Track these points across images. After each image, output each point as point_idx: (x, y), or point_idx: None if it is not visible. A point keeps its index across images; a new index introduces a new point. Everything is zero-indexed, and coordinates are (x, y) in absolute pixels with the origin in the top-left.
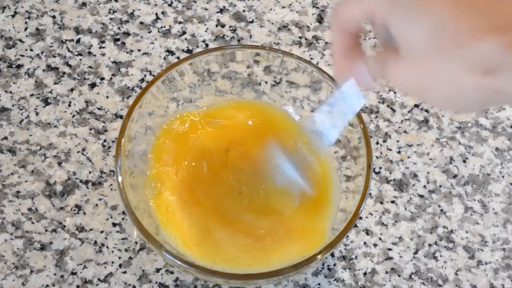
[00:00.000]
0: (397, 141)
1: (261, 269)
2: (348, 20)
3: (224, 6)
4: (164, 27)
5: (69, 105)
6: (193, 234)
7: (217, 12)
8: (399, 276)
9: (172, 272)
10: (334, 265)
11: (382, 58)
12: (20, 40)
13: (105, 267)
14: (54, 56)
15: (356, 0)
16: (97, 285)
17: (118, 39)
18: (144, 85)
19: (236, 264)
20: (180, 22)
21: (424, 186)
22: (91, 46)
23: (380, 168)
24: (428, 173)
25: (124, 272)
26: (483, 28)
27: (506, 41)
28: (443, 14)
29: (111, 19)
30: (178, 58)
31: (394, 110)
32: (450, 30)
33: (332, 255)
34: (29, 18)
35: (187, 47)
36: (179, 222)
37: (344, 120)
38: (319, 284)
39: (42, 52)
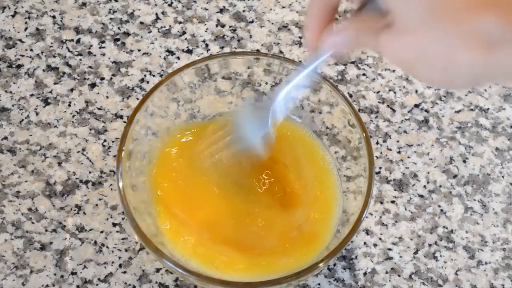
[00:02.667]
0: (397, 141)
1: (263, 277)
2: None
3: (224, 6)
4: (164, 27)
5: (69, 105)
6: (194, 240)
7: (217, 12)
8: (399, 276)
9: (172, 272)
10: (334, 265)
11: (371, 28)
12: (20, 40)
13: (105, 267)
14: (54, 56)
15: None
16: (97, 285)
17: (118, 39)
18: (144, 85)
19: (236, 272)
20: (180, 22)
21: (424, 186)
22: (91, 46)
23: (380, 168)
24: (428, 173)
25: (124, 272)
26: (483, 3)
27: (507, 18)
28: None
29: (111, 19)
30: (178, 58)
31: (394, 110)
32: (449, 5)
33: None
34: (29, 18)
35: (187, 47)
36: (180, 230)
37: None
38: (319, 284)
39: (42, 52)
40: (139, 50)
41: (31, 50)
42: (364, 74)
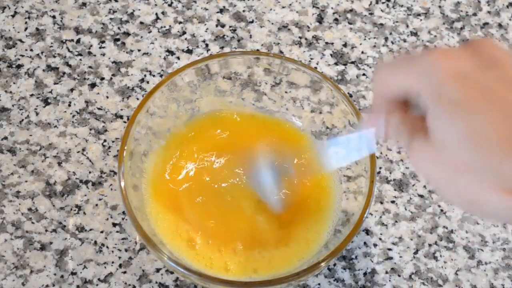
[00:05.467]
0: (397, 141)
1: (263, 276)
2: (389, 89)
3: (224, 6)
4: (164, 27)
5: (69, 105)
6: (194, 240)
7: (217, 12)
8: (399, 276)
9: (172, 272)
10: (334, 265)
11: (409, 129)
12: (20, 40)
13: (105, 267)
14: (54, 56)
15: (403, 73)
16: (97, 285)
17: (118, 39)
18: (144, 85)
19: (236, 270)
20: (180, 22)
21: (424, 186)
22: (91, 46)
23: (380, 168)
24: None
25: (124, 272)
26: None
27: None
28: (490, 125)
29: (111, 19)
30: (178, 58)
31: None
32: (493, 140)
33: None
34: (29, 18)
35: (187, 47)
36: (178, 226)
37: (351, 158)
38: (319, 284)
39: (42, 52)
40: (139, 50)
41: (31, 50)
42: (364, 74)
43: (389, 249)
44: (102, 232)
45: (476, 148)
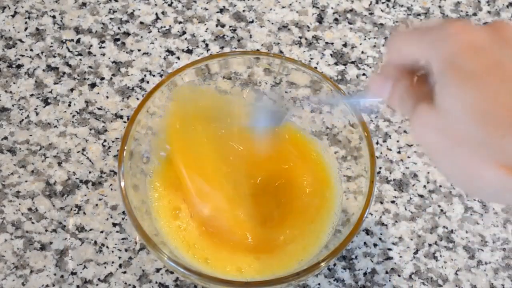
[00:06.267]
0: (397, 141)
1: (263, 276)
2: (401, 55)
3: (224, 6)
4: (164, 27)
5: (69, 105)
6: (194, 239)
7: (217, 12)
8: (399, 276)
9: (172, 272)
10: (334, 265)
11: (413, 98)
12: (20, 40)
13: (105, 267)
14: (54, 56)
15: (418, 39)
16: (97, 285)
17: (118, 39)
18: (144, 85)
19: (235, 270)
20: (180, 22)
21: (424, 186)
22: (91, 46)
23: (380, 168)
24: (428, 173)
25: (124, 272)
26: None
27: None
28: (499, 100)
29: (111, 19)
30: (178, 58)
31: (394, 110)
32: (499, 116)
33: None
34: (29, 18)
35: (187, 47)
36: (180, 227)
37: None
38: (319, 284)
39: (42, 52)
40: (139, 50)
41: (31, 50)
42: (364, 74)
43: (389, 249)
44: (102, 232)
45: (481, 120)
